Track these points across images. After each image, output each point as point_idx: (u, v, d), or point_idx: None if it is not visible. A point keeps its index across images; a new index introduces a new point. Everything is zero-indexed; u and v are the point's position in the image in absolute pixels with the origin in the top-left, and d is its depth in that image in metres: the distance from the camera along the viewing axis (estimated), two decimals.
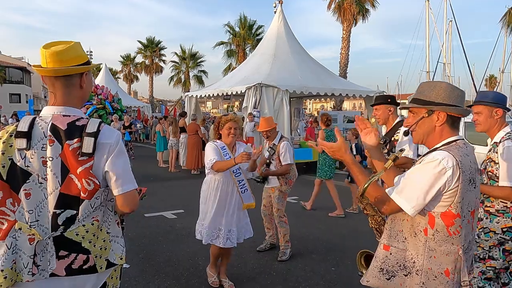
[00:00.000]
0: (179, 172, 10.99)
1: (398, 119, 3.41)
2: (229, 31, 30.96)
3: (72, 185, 1.55)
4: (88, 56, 1.79)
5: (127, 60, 45.57)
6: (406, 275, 1.62)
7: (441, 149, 1.59)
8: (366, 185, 1.62)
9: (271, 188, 4.59)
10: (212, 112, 57.19)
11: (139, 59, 43.97)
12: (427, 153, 1.64)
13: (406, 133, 1.74)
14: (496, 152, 2.44)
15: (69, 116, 1.60)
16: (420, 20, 46.70)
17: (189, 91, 18.04)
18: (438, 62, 32.18)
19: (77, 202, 1.56)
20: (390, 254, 1.66)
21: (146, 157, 14.02)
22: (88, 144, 1.54)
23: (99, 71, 28.56)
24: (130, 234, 5.22)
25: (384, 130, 3.57)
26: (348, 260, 4.38)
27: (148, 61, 42.02)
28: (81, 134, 1.55)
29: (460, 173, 1.52)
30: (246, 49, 30.36)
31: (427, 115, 1.65)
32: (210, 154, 3.49)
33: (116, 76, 44.69)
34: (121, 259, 1.69)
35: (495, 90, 28.23)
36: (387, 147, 3.28)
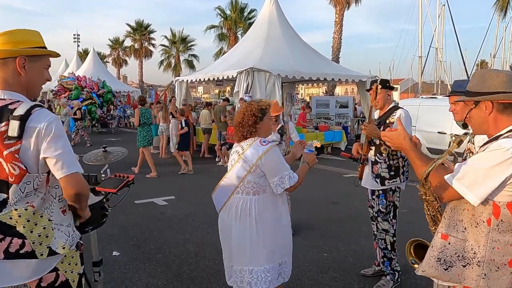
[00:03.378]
0: (170, 158, 10.88)
1: (392, 104, 3.45)
2: (220, 15, 30.51)
3: (1, 169, 1.53)
4: (51, 47, 1.72)
5: (116, 43, 44.72)
6: (464, 266, 1.57)
7: (507, 137, 1.52)
8: (430, 168, 1.57)
9: None
10: (204, 97, 56.55)
11: (128, 42, 43.28)
12: (488, 142, 1.60)
13: (464, 126, 1.76)
14: (473, 143, 2.39)
15: (5, 99, 1.57)
16: (413, 4, 46.72)
17: (179, 76, 17.78)
18: (430, 47, 32.30)
19: (6, 186, 1.54)
20: (449, 243, 1.60)
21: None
22: (13, 127, 1.50)
23: (87, 54, 28.01)
24: (120, 221, 5.15)
25: (377, 114, 3.57)
26: (341, 246, 4.36)
27: (137, 45, 41.31)
28: (9, 117, 1.52)
29: None
30: (238, 33, 29.98)
31: (474, 106, 1.64)
32: (285, 164, 2.39)
33: (105, 60, 43.89)
34: (63, 248, 1.65)
35: None
36: (381, 130, 3.28)
